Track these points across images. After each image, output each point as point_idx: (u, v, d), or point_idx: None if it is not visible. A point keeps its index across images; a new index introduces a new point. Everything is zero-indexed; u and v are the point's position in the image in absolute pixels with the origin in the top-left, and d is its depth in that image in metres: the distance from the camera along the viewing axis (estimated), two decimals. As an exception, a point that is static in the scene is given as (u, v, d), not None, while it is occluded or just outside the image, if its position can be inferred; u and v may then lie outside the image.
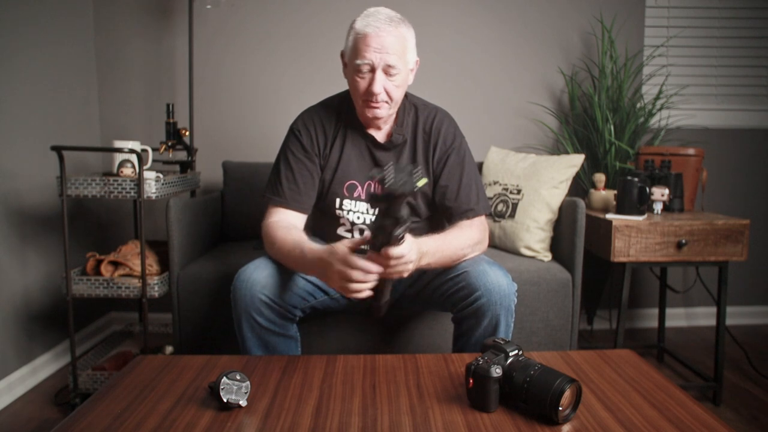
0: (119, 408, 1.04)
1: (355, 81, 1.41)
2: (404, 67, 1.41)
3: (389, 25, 1.37)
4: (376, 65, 1.37)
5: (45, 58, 2.22)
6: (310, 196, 1.52)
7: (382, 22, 1.36)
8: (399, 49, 1.38)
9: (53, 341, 2.25)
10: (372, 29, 1.36)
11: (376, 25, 1.36)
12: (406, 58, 1.41)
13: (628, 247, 1.93)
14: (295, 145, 1.52)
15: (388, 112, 1.45)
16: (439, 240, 1.37)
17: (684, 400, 1.07)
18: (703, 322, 2.86)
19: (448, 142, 1.52)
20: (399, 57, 1.38)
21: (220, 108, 2.63)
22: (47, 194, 2.20)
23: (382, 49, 1.35)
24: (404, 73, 1.42)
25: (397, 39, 1.37)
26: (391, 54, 1.36)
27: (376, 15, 1.38)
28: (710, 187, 2.71)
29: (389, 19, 1.38)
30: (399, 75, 1.40)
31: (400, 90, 1.43)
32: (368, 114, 1.44)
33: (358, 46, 1.37)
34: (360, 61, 1.37)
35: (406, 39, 1.40)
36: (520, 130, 2.71)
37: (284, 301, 1.39)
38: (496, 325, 1.38)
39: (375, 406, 1.05)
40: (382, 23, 1.36)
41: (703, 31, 2.73)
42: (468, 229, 1.46)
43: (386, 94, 1.40)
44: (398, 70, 1.38)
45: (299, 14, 2.60)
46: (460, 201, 1.50)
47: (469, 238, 1.44)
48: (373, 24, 1.36)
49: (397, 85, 1.41)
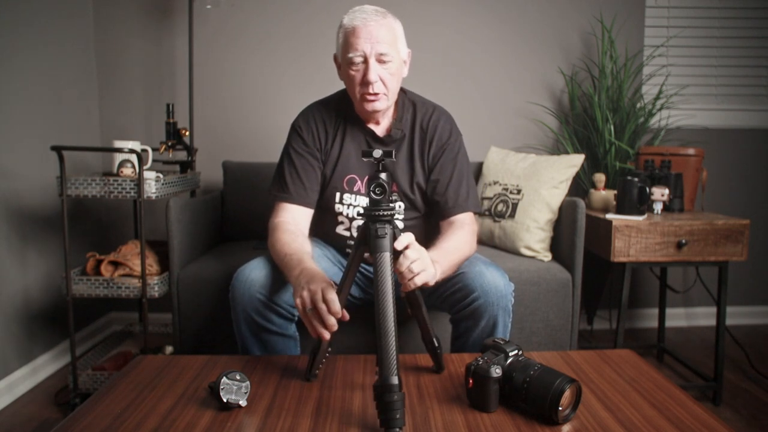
0: (119, 408, 1.04)
1: (349, 75, 1.42)
2: (396, 55, 1.42)
3: (376, 16, 1.39)
4: (368, 55, 1.38)
5: (45, 58, 2.22)
6: (315, 190, 1.53)
7: (369, 14, 1.39)
8: (389, 38, 1.39)
9: (53, 341, 2.25)
10: (360, 21, 1.38)
11: (363, 17, 1.38)
12: (397, 47, 1.42)
13: (628, 247, 1.93)
14: (297, 141, 1.53)
15: (387, 104, 1.46)
16: (440, 249, 1.35)
17: (684, 400, 1.07)
18: (703, 322, 2.86)
19: (444, 139, 1.53)
20: (390, 45, 1.39)
21: (220, 108, 2.63)
22: (47, 194, 2.20)
23: (372, 39, 1.37)
24: (397, 61, 1.42)
25: (386, 29, 1.39)
26: (382, 42, 1.38)
27: (362, 9, 1.41)
28: (710, 187, 2.71)
29: (375, 11, 1.40)
30: (392, 63, 1.40)
31: (395, 79, 1.44)
32: (367, 108, 1.44)
33: (348, 40, 1.39)
34: (352, 54, 1.38)
35: (394, 29, 1.42)
36: (520, 130, 2.71)
37: (283, 300, 1.39)
38: (493, 326, 1.38)
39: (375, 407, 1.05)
40: (370, 15, 1.39)
41: (703, 31, 2.73)
42: (460, 230, 1.46)
43: (382, 84, 1.41)
44: (391, 57, 1.39)
45: (299, 14, 2.60)
46: (449, 196, 1.51)
47: (462, 238, 1.44)
48: (360, 17, 1.38)
49: (391, 74, 1.41)
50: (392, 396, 0.93)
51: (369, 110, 1.45)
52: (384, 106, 1.45)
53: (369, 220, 1.06)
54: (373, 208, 1.06)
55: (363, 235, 1.09)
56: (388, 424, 0.93)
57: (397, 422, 0.93)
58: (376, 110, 1.45)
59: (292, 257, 1.30)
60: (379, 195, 1.05)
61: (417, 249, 1.14)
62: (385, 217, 1.05)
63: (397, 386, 0.94)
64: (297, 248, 1.34)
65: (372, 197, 1.05)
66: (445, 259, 1.31)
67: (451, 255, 1.35)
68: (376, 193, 1.05)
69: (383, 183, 1.04)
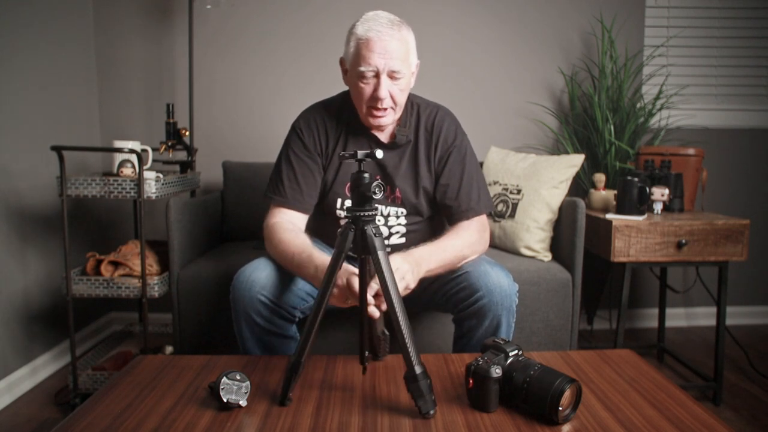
0: (119, 408, 1.04)
1: (358, 87, 1.39)
2: (407, 70, 1.39)
3: (391, 28, 1.34)
4: (381, 71, 1.34)
5: (45, 58, 2.22)
6: (312, 195, 1.51)
7: (384, 26, 1.34)
8: (402, 53, 1.36)
9: (53, 341, 2.25)
10: (374, 33, 1.33)
11: (378, 29, 1.33)
12: (409, 62, 1.40)
13: (628, 247, 1.93)
14: (297, 144, 1.51)
15: (393, 118, 1.44)
16: (433, 246, 1.36)
17: (684, 400, 1.07)
18: (703, 322, 2.86)
19: (449, 140, 1.51)
20: (402, 61, 1.36)
21: (220, 108, 2.63)
22: (47, 194, 2.20)
23: (386, 54, 1.33)
24: (408, 77, 1.40)
25: (400, 43, 1.35)
26: (395, 59, 1.34)
27: (376, 19, 1.36)
28: (710, 187, 2.71)
29: (390, 23, 1.35)
30: (403, 79, 1.38)
31: (404, 94, 1.42)
32: (373, 122, 1.43)
33: (361, 52, 1.35)
34: (364, 68, 1.35)
35: (408, 42, 1.38)
36: (520, 130, 2.71)
37: (283, 301, 1.38)
38: (497, 326, 1.38)
39: (375, 406, 1.05)
40: (384, 27, 1.34)
41: (703, 31, 2.73)
42: (464, 231, 1.46)
43: (391, 99, 1.39)
44: (402, 74, 1.37)
45: (299, 14, 2.60)
46: (461, 200, 1.49)
47: (465, 239, 1.43)
48: (375, 28, 1.33)
49: (401, 89, 1.40)
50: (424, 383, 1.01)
51: (375, 125, 1.44)
52: (390, 120, 1.44)
53: (362, 224, 1.06)
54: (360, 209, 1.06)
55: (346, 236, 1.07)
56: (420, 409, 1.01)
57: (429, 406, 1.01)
58: (381, 125, 1.44)
59: (301, 255, 1.30)
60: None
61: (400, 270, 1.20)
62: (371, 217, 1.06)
63: (422, 374, 1.02)
64: (301, 245, 1.34)
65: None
66: (434, 255, 1.33)
67: (443, 253, 1.36)
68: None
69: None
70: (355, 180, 1.06)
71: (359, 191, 1.06)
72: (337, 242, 1.08)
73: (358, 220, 1.06)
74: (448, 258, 1.37)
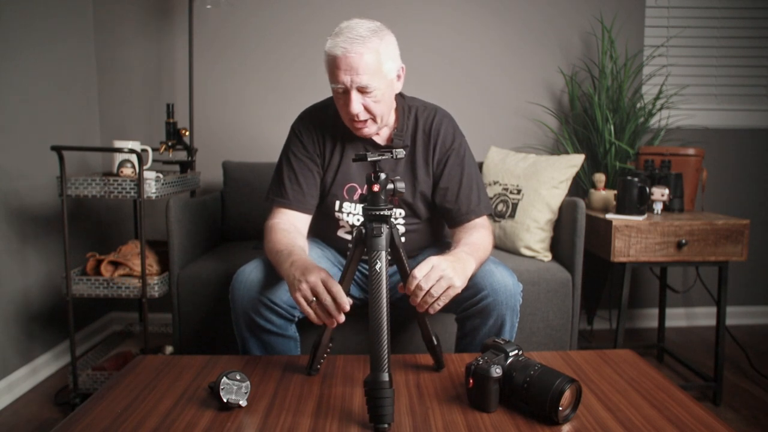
0: (119, 408, 1.04)
1: (337, 99, 1.39)
2: (380, 82, 1.34)
3: (361, 43, 1.30)
4: (349, 87, 1.33)
5: (45, 58, 2.22)
6: (313, 196, 1.51)
7: (352, 41, 1.30)
8: (371, 66, 1.31)
9: (53, 341, 2.25)
10: (340, 50, 1.30)
11: (344, 45, 1.30)
12: (382, 73, 1.34)
13: (628, 247, 1.93)
14: (296, 145, 1.51)
15: (376, 128, 1.43)
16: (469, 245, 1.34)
17: (684, 400, 1.07)
18: (703, 322, 2.86)
19: (448, 143, 1.51)
20: (372, 75, 1.32)
21: (220, 108, 2.63)
22: (47, 194, 2.20)
23: (352, 71, 1.30)
24: (382, 87, 1.36)
25: (368, 56, 1.30)
26: (362, 74, 1.31)
27: (345, 33, 1.31)
28: (710, 187, 2.71)
29: (360, 37, 1.30)
30: (376, 91, 1.34)
31: (381, 105, 1.38)
32: (357, 134, 1.43)
33: (329, 68, 1.34)
34: (334, 85, 1.35)
35: (379, 53, 1.33)
36: (520, 130, 2.71)
37: (283, 301, 1.38)
38: (501, 325, 1.37)
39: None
40: (353, 42, 1.30)
41: (703, 31, 2.73)
42: (481, 229, 1.45)
43: (366, 112, 1.37)
44: (373, 87, 1.33)
45: (299, 14, 2.60)
46: (461, 203, 1.49)
47: (482, 237, 1.43)
48: (341, 45, 1.30)
49: (375, 101, 1.36)
50: (382, 392, 0.95)
51: (359, 135, 1.44)
52: (374, 130, 1.43)
53: (366, 219, 1.07)
54: (371, 207, 1.07)
55: (360, 234, 1.10)
56: (377, 420, 0.95)
57: (386, 418, 0.95)
58: (365, 136, 1.44)
59: (282, 252, 1.30)
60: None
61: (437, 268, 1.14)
62: (381, 217, 1.06)
63: (387, 383, 0.96)
64: (287, 243, 1.34)
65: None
66: (476, 252, 1.31)
67: (479, 252, 1.34)
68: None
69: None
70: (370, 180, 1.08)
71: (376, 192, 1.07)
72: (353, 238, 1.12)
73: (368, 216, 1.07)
74: (482, 257, 1.36)
